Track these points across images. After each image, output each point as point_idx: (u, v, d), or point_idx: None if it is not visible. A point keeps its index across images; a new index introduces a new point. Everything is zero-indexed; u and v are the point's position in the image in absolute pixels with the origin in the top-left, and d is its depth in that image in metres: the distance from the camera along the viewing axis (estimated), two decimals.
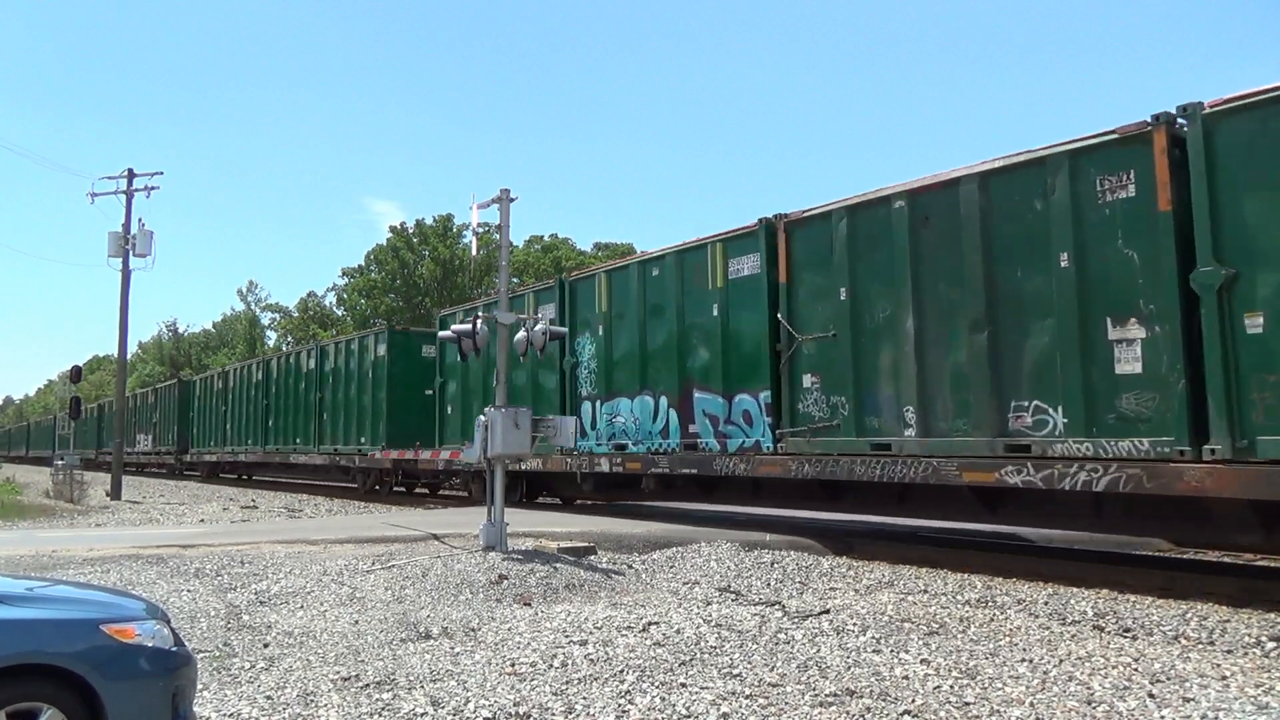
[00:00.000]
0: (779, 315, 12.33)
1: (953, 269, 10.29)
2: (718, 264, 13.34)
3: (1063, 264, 9.24)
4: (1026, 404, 9.57)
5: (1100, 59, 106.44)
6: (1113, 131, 8.96)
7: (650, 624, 7.68)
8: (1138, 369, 8.71)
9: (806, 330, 11.99)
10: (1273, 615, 7.70)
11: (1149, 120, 8.64)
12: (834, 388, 11.60)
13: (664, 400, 14.35)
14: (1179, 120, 8.52)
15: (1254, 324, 7.94)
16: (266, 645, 7.39)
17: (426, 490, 23.81)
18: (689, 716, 5.44)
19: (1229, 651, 6.85)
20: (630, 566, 10.94)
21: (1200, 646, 7.03)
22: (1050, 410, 9.35)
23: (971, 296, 10.07)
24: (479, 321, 11.88)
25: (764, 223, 12.62)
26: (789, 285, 12.25)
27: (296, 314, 67.45)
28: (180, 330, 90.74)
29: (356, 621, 8.09)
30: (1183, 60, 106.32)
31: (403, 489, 24.19)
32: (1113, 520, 9.91)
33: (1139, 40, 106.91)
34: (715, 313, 13.34)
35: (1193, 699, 5.61)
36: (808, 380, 11.94)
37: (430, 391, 21.00)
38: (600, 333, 15.77)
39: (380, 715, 5.55)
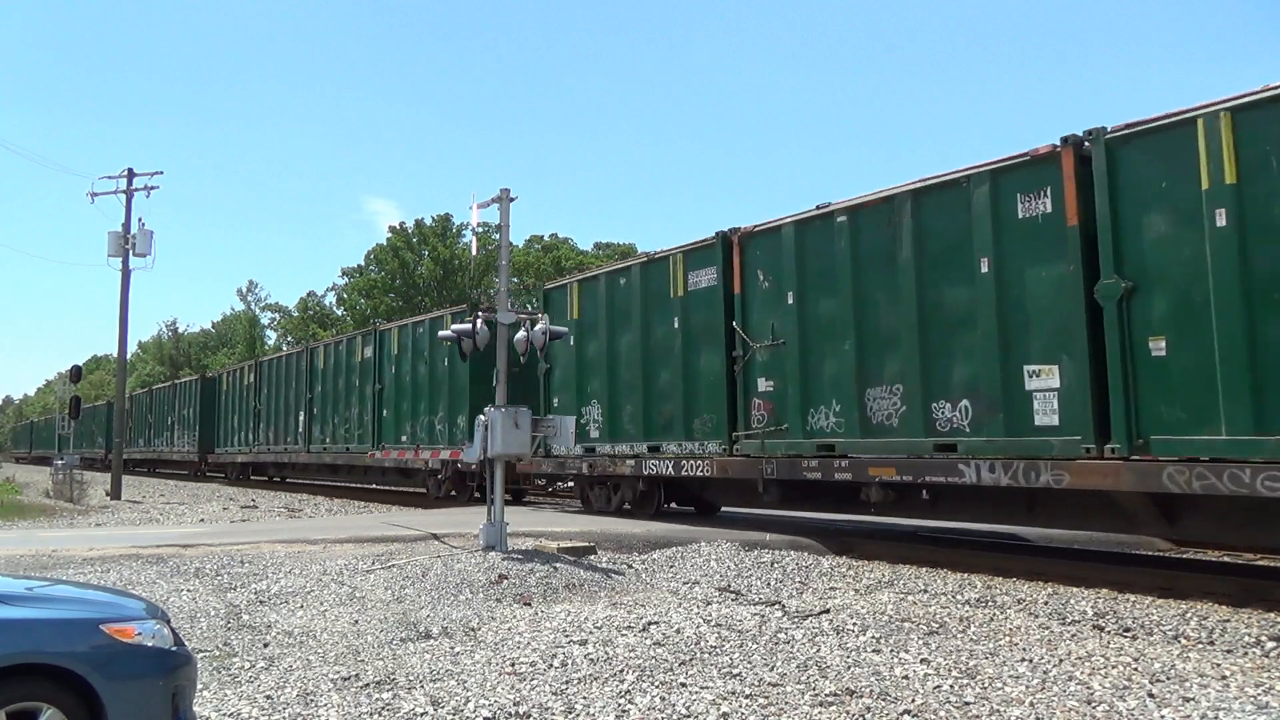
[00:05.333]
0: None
1: None
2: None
3: None
4: None
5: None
6: None
7: (650, 624, 7.68)
8: None
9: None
10: (1273, 615, 7.70)
11: None
12: None
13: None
14: None
15: None
16: (266, 645, 7.39)
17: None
18: (689, 716, 5.44)
19: (1229, 651, 6.86)
20: (630, 566, 10.94)
21: (1200, 646, 7.03)
22: None
23: None
24: (479, 321, 11.89)
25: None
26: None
27: (296, 314, 67.51)
28: (180, 330, 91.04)
29: (356, 621, 8.10)
30: (1183, 60, 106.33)
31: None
32: None
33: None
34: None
35: (1193, 699, 5.61)
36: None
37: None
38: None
39: (380, 715, 5.55)
